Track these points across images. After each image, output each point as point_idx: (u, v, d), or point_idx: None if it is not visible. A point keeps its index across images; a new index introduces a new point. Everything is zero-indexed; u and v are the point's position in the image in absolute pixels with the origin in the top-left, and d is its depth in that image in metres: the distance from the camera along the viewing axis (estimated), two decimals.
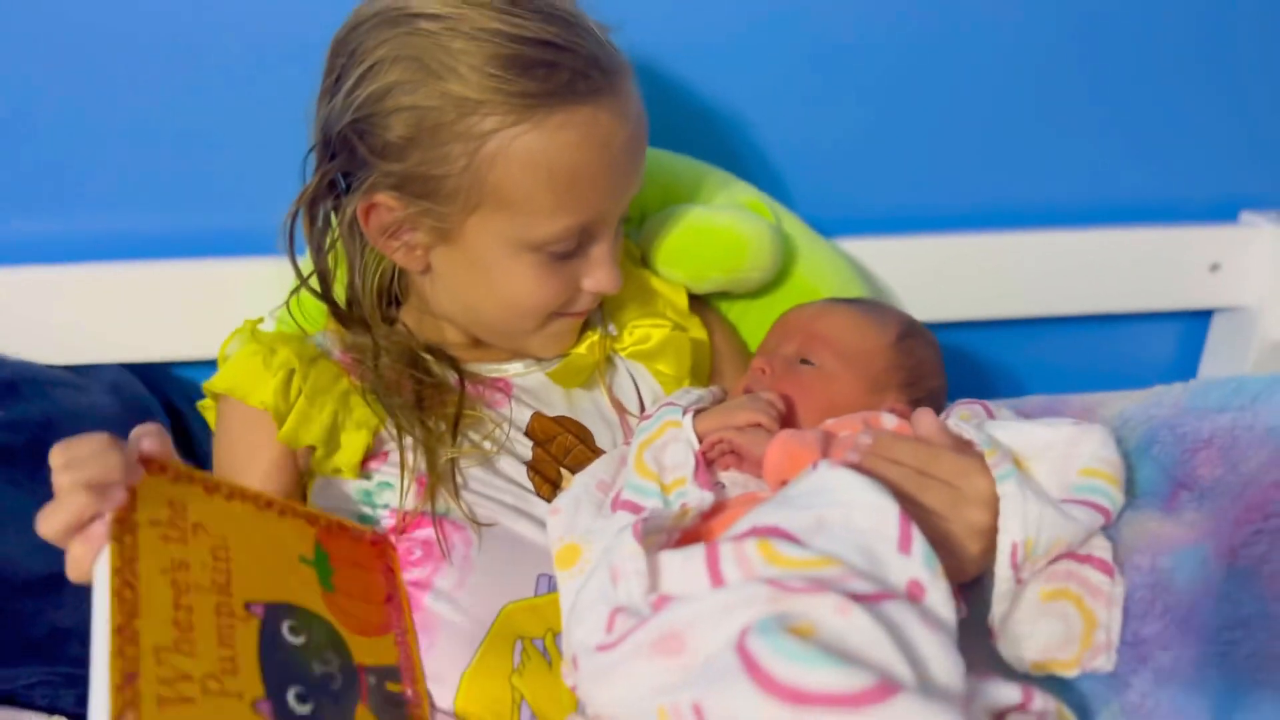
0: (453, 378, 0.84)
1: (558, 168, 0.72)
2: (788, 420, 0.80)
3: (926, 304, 1.12)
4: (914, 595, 0.59)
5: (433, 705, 0.71)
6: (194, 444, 0.99)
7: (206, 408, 0.86)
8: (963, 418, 0.78)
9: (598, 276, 0.79)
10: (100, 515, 0.57)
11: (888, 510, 0.61)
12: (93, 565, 0.57)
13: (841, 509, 0.62)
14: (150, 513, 0.60)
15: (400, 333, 0.86)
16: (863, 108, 1.10)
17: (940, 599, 0.59)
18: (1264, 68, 1.16)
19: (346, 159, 0.76)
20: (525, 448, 0.82)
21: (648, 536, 0.64)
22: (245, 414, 0.79)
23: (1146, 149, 1.18)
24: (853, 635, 0.52)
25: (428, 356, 0.84)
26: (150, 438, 0.62)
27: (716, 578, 0.59)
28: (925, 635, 0.55)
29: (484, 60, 0.70)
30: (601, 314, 0.92)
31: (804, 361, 0.83)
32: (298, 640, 0.64)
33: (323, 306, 0.85)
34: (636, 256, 0.96)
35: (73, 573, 0.58)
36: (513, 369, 0.87)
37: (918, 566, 0.59)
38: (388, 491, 0.78)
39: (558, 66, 0.71)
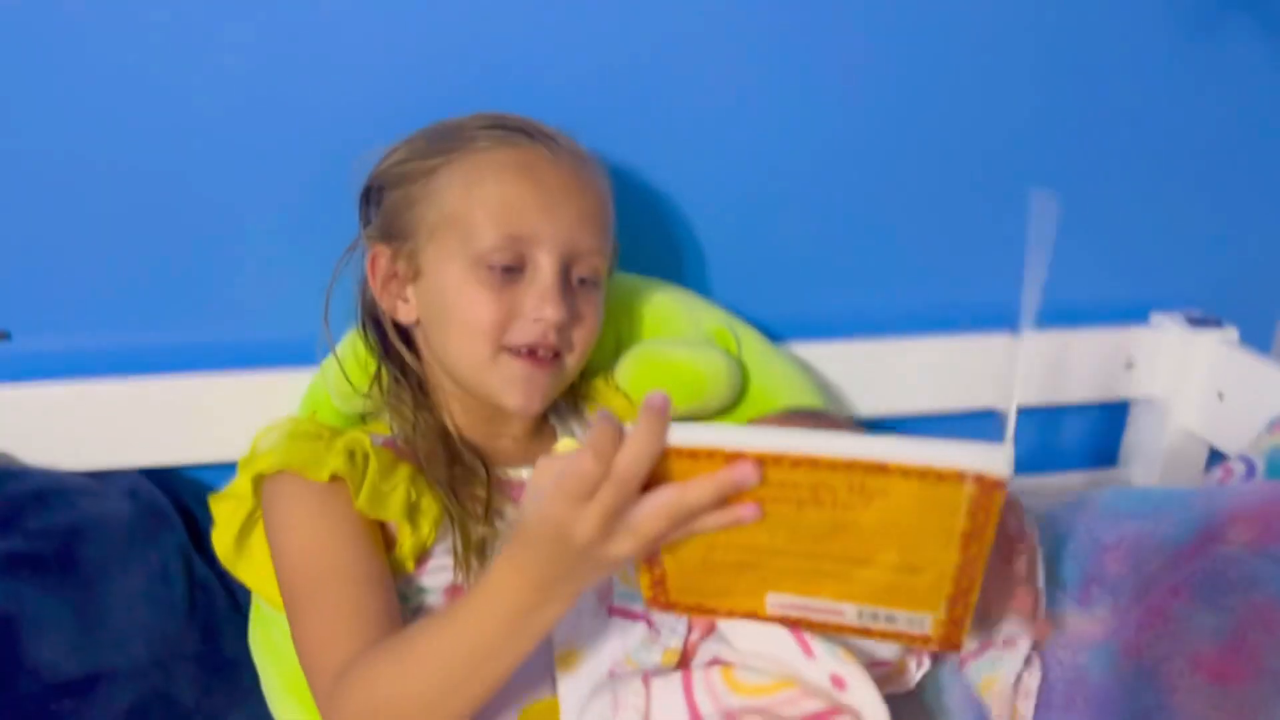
0: (479, 467, 0.90)
1: (488, 186, 0.87)
2: None
3: (871, 401, 1.23)
4: (838, 684, 0.68)
5: None
6: (204, 543, 1.05)
7: (224, 498, 0.87)
8: None
9: (537, 300, 0.87)
10: None
11: (778, 631, 0.70)
12: None
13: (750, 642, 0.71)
14: None
15: (435, 407, 0.93)
16: (812, 222, 1.20)
17: (857, 677, 0.68)
18: (1169, 182, 1.29)
19: (364, 224, 0.94)
20: None
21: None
22: (310, 490, 0.81)
23: (1066, 257, 1.28)
24: None
25: (456, 439, 0.91)
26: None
27: (693, 709, 0.68)
28: None
29: (449, 129, 0.91)
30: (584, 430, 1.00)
31: None
32: None
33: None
34: (615, 384, 1.05)
35: None
36: (526, 473, 0.93)
37: (827, 660, 0.69)
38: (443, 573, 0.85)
39: (503, 128, 0.90)
